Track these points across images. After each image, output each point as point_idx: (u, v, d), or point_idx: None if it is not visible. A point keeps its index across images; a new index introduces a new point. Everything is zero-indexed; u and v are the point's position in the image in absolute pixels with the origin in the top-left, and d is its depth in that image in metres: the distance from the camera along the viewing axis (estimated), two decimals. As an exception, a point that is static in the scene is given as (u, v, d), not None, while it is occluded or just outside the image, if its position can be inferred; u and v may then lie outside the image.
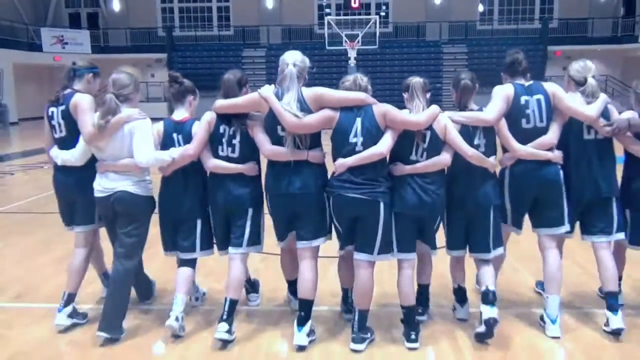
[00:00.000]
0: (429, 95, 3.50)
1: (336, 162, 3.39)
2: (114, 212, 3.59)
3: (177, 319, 3.54)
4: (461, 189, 3.50)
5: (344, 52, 24.13)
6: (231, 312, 3.50)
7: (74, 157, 3.65)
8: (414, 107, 3.41)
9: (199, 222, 3.69)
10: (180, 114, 3.70)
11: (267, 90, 3.43)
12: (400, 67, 26.17)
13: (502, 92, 3.54)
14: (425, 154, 3.39)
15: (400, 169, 3.41)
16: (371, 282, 3.47)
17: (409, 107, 3.45)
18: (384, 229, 3.39)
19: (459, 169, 3.49)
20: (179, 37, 29.37)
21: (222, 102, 3.52)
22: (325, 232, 3.58)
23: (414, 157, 3.40)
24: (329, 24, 24.11)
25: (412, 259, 3.53)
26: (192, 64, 26.49)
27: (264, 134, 3.45)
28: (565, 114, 3.55)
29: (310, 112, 3.38)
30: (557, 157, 3.55)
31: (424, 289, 3.84)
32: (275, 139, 3.44)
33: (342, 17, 26.28)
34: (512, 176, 3.60)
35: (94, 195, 3.60)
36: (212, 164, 3.55)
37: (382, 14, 28.90)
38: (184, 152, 3.55)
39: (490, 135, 3.49)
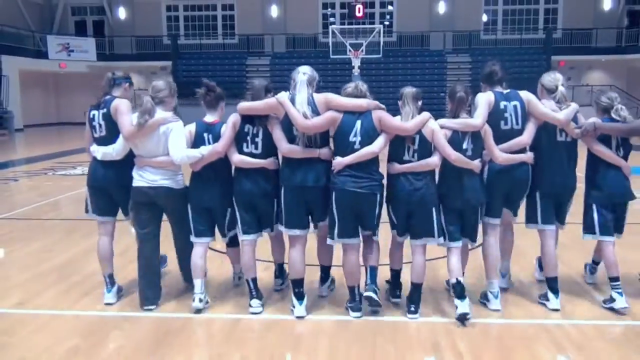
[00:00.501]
0: (420, 103, 3.96)
1: (335, 161, 3.89)
2: (152, 203, 4.14)
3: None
4: (451, 188, 3.96)
5: (348, 61, 24.19)
6: (257, 288, 4.18)
7: (115, 150, 4.19)
8: (404, 114, 3.90)
9: (228, 211, 4.20)
10: (211, 117, 4.17)
11: (283, 95, 3.94)
12: (404, 77, 26.17)
13: (485, 99, 4.03)
14: (416, 155, 3.90)
15: (395, 167, 3.94)
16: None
17: (401, 112, 3.92)
18: (379, 214, 3.95)
19: (450, 169, 3.94)
20: (183, 45, 29.54)
21: (245, 104, 4.03)
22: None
23: (406, 157, 3.92)
24: (333, 33, 24.19)
25: (403, 240, 4.14)
26: (197, 71, 26.56)
27: (282, 133, 3.95)
28: (539, 119, 4.04)
29: (318, 113, 3.89)
30: (530, 158, 4.08)
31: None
32: (290, 138, 3.94)
33: (346, 26, 26.42)
34: (490, 173, 4.09)
35: (134, 184, 4.12)
36: (238, 159, 4.04)
37: (386, 23, 29.02)
38: (212, 149, 4.03)
39: (477, 141, 3.94)
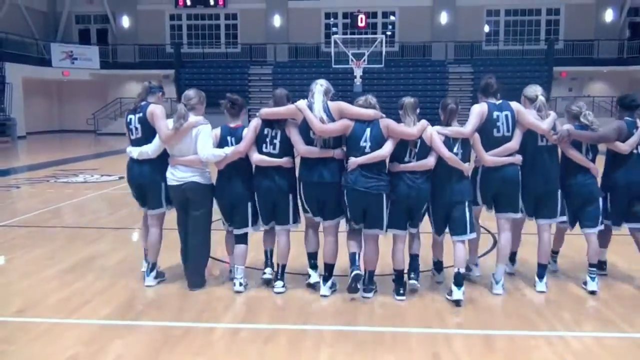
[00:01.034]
0: (418, 111, 4.52)
1: (349, 161, 4.45)
2: (186, 198, 4.69)
3: (241, 284, 4.71)
4: (443, 187, 4.53)
5: (350, 71, 24.28)
6: (283, 274, 4.74)
7: (151, 150, 4.74)
8: (407, 122, 4.47)
9: (249, 205, 4.71)
10: (234, 122, 4.77)
11: (302, 103, 4.50)
12: (405, 86, 26.22)
13: (478, 110, 4.59)
14: (415, 157, 4.48)
15: (396, 167, 4.50)
16: (377, 250, 4.66)
17: (403, 121, 4.49)
18: (385, 212, 4.50)
19: (442, 172, 4.52)
20: (186, 54, 29.66)
21: (268, 110, 4.60)
22: (342, 213, 4.62)
23: (407, 158, 4.49)
24: (336, 42, 24.29)
25: (403, 235, 4.65)
26: (199, 80, 26.66)
27: (299, 136, 4.50)
28: (525, 126, 4.63)
29: (332, 119, 4.46)
30: (518, 160, 4.63)
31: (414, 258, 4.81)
32: (307, 141, 4.49)
33: (348, 36, 26.51)
34: (482, 173, 4.68)
35: (168, 184, 4.71)
36: (258, 158, 4.60)
37: (389, 33, 29.14)
38: (235, 149, 4.60)
39: (466, 146, 4.54)
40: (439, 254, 4.99)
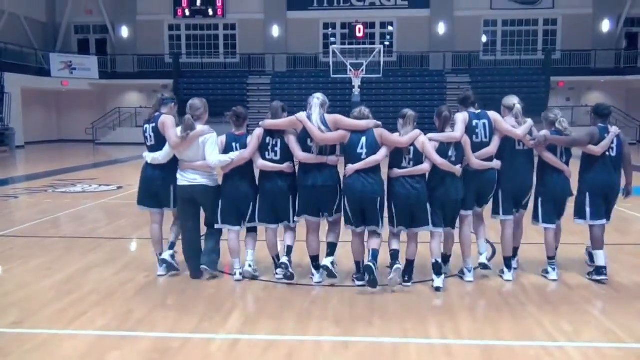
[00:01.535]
0: (415, 124, 5.04)
1: (347, 167, 4.96)
2: (194, 198, 5.22)
3: (250, 266, 5.24)
4: (438, 187, 5.06)
5: (348, 81, 24.35)
6: (289, 254, 5.20)
7: (161, 156, 5.28)
8: (405, 131, 4.98)
9: (251, 204, 5.23)
10: (238, 131, 5.29)
11: (302, 115, 5.05)
12: (404, 96, 26.32)
13: (462, 117, 5.17)
14: (412, 162, 4.99)
15: (395, 172, 5.01)
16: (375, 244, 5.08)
17: (400, 130, 4.99)
18: (381, 211, 5.02)
19: (437, 174, 5.06)
20: (185, 64, 29.75)
21: (270, 121, 5.13)
22: (340, 211, 5.12)
23: (404, 164, 5.01)
24: (334, 52, 24.39)
25: (407, 232, 5.13)
26: (198, 90, 26.70)
27: (297, 144, 5.02)
28: (502, 133, 5.18)
29: (329, 130, 4.98)
30: (498, 165, 5.23)
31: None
32: (305, 148, 5.01)
33: (347, 46, 26.61)
34: (466, 175, 5.21)
35: (178, 183, 5.21)
36: (261, 164, 5.16)
37: (387, 43, 29.25)
38: (240, 155, 5.12)
39: (459, 149, 5.07)
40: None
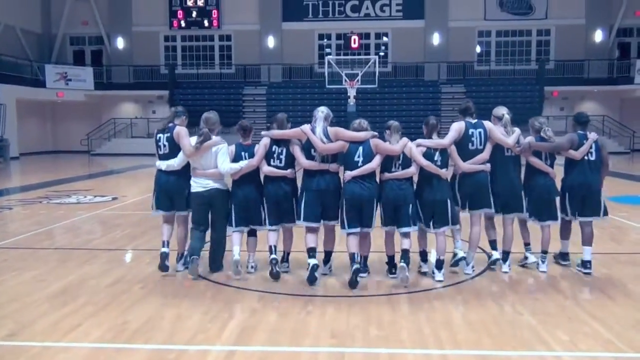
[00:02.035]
0: (400, 132, 5.56)
1: (345, 174, 5.50)
2: (208, 202, 5.73)
3: (253, 267, 5.83)
4: (426, 189, 5.58)
5: (343, 91, 24.45)
6: (287, 259, 5.99)
7: (176, 163, 5.76)
8: (393, 140, 5.53)
9: (260, 207, 5.75)
10: (246, 141, 5.85)
11: (306, 127, 5.58)
12: (399, 106, 26.45)
13: (457, 127, 5.71)
14: (400, 167, 5.54)
15: (385, 176, 5.57)
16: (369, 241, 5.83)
17: (389, 140, 5.56)
18: (376, 213, 5.55)
19: (424, 177, 5.60)
20: (181, 75, 29.83)
21: (277, 131, 5.69)
22: (337, 217, 5.61)
23: (394, 169, 5.55)
24: (329, 63, 24.50)
25: (393, 230, 5.69)
26: (194, 100, 26.77)
27: (301, 152, 5.59)
28: (494, 141, 5.74)
29: (330, 141, 5.51)
30: (487, 168, 5.74)
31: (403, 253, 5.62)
32: (309, 157, 5.58)
33: (342, 56, 26.78)
34: (459, 178, 5.78)
35: (193, 190, 5.71)
36: (267, 170, 5.71)
37: (382, 54, 29.44)
38: (249, 163, 5.68)
39: (444, 155, 5.61)
40: (424, 244, 5.91)
